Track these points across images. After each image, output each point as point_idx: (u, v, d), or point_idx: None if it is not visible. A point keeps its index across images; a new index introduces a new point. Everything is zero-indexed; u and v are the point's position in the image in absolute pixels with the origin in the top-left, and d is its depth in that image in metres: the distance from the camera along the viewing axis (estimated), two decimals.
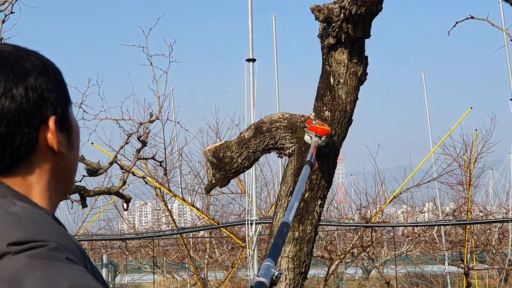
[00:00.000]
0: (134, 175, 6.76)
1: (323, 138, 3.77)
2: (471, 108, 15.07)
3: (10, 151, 1.24)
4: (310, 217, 4.02)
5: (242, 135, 4.08)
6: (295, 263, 3.99)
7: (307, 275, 4.15)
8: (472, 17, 4.29)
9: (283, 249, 3.96)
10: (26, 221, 1.14)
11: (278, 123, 3.99)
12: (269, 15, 12.03)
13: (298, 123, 3.96)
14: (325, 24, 3.84)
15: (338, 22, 3.67)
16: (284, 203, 4.01)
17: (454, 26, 4.28)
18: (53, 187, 1.32)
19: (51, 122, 1.29)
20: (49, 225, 1.17)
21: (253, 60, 9.12)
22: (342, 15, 3.62)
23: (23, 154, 1.26)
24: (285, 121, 3.99)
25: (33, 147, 1.27)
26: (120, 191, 6.41)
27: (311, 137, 3.78)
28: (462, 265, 13.58)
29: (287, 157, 4.08)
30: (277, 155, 4.09)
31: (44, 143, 1.28)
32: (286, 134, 3.96)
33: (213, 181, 4.19)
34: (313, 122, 3.84)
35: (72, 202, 6.44)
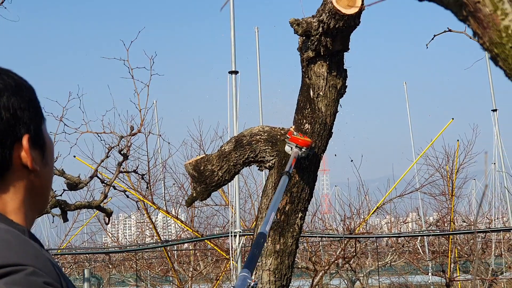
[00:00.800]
0: (115, 188, 6.74)
1: (303, 150, 3.78)
2: (453, 119, 15.17)
3: None
4: (291, 229, 4.02)
5: (223, 148, 4.09)
6: (276, 276, 3.99)
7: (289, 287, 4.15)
8: (449, 30, 4.32)
9: (264, 262, 3.97)
10: (2, 244, 1.14)
11: (258, 136, 4.00)
12: (252, 27, 12.08)
13: (278, 136, 3.97)
14: (304, 37, 3.86)
15: (317, 36, 3.69)
16: (265, 215, 4.01)
17: (432, 39, 4.32)
18: (28, 204, 1.32)
19: (25, 140, 1.29)
20: (25, 246, 1.17)
21: (236, 72, 9.13)
22: (320, 28, 3.64)
23: None
24: (265, 134, 4.00)
25: (7, 166, 1.28)
26: (102, 204, 6.39)
27: (291, 148, 3.79)
28: (445, 275, 13.63)
29: (267, 170, 4.08)
30: (258, 168, 4.10)
31: (18, 161, 1.29)
32: (266, 147, 3.97)
33: (194, 194, 4.19)
34: (294, 133, 3.86)
35: (54, 216, 6.41)
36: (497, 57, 0.98)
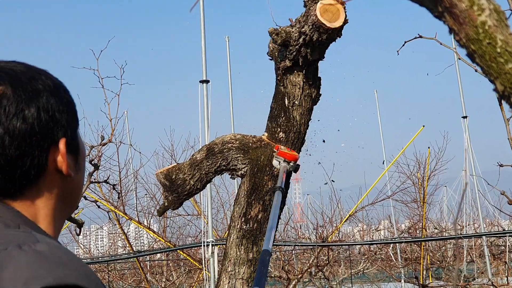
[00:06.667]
0: (86, 199, 6.66)
1: (291, 164, 3.77)
2: (424, 126, 15.28)
3: (19, 174, 1.21)
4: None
5: (194, 156, 4.05)
6: (250, 285, 3.96)
7: None
8: (420, 36, 4.33)
9: (237, 270, 3.94)
10: (56, 262, 1.08)
11: (230, 144, 3.97)
12: (223, 36, 12.08)
13: (250, 144, 3.95)
14: (281, 46, 3.82)
15: (297, 46, 3.65)
16: (238, 224, 3.98)
17: (403, 45, 4.31)
18: (58, 210, 1.28)
19: (62, 144, 1.26)
20: (77, 264, 1.11)
21: (207, 81, 9.09)
22: (301, 40, 3.59)
23: (32, 176, 1.22)
24: (237, 142, 3.97)
25: (42, 170, 1.23)
26: (73, 215, 6.31)
27: (279, 162, 3.78)
28: (418, 282, 13.70)
29: (239, 178, 4.06)
30: (230, 176, 4.07)
31: (53, 165, 1.25)
32: (238, 155, 3.94)
33: (166, 204, 4.15)
34: (281, 147, 3.84)
35: None
36: (474, 54, 0.97)
